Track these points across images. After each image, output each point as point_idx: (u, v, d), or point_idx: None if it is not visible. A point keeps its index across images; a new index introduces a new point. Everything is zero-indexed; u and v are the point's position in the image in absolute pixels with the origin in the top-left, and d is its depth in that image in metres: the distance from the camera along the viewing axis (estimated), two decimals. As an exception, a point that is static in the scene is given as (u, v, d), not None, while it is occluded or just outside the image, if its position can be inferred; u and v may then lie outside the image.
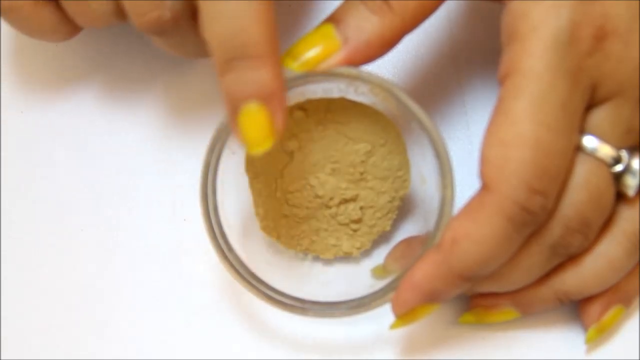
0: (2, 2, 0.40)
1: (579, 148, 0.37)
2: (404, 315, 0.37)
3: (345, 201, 0.41)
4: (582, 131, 0.37)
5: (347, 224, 0.41)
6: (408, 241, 0.42)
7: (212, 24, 0.35)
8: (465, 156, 0.44)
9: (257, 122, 0.35)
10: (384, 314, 0.38)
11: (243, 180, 0.41)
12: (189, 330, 0.42)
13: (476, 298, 0.41)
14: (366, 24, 0.36)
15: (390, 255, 0.42)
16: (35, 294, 0.43)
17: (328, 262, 0.43)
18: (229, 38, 0.35)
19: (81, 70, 0.47)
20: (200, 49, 0.38)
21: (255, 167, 0.41)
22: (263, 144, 0.36)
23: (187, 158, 0.44)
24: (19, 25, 0.42)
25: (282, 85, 0.35)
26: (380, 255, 0.43)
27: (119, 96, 0.46)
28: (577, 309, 0.41)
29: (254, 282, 0.39)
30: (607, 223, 0.39)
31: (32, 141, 0.45)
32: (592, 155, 0.37)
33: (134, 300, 0.43)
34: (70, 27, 0.42)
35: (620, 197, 0.39)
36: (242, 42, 0.34)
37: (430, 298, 0.37)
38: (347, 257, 0.43)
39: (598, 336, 0.41)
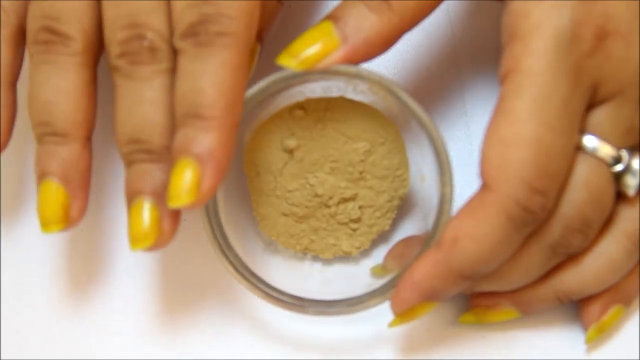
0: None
1: (579, 148, 0.37)
2: (403, 314, 0.37)
3: (345, 200, 0.41)
4: (583, 131, 0.37)
5: (346, 224, 0.41)
6: (407, 240, 0.42)
7: (178, 80, 0.35)
8: (465, 156, 0.44)
9: (184, 177, 0.35)
10: (384, 313, 0.38)
11: (242, 179, 0.41)
12: (189, 330, 0.42)
13: (476, 298, 0.41)
14: (365, 22, 0.36)
15: (389, 254, 0.42)
16: (35, 294, 0.43)
17: (327, 261, 0.43)
18: (188, 96, 0.35)
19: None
20: None
21: (254, 166, 0.41)
22: (183, 200, 0.35)
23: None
24: None
25: (225, 151, 0.35)
26: (379, 255, 0.43)
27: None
28: (577, 308, 0.41)
29: (254, 281, 0.39)
30: (607, 223, 0.39)
31: (32, 141, 0.45)
32: (592, 154, 0.37)
33: (133, 300, 0.43)
34: None
35: (620, 196, 0.39)
36: (198, 102, 0.35)
37: (430, 296, 0.37)
38: (346, 257, 0.43)
39: (598, 336, 0.41)
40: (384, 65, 0.45)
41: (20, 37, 0.40)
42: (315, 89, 0.40)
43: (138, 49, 0.37)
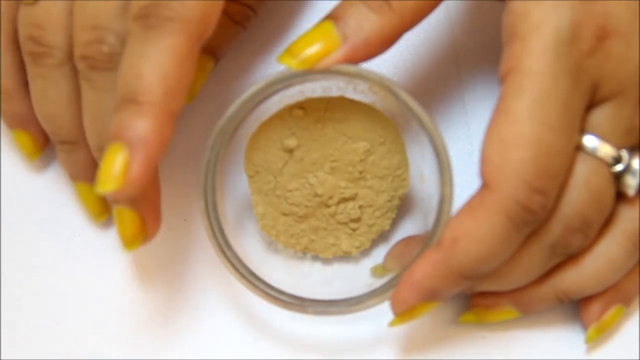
0: None
1: (579, 147, 0.37)
2: (402, 313, 0.37)
3: (345, 200, 0.41)
4: (583, 131, 0.37)
5: (346, 223, 0.41)
6: (407, 240, 0.42)
7: (122, 62, 0.35)
8: (465, 156, 0.44)
9: (113, 162, 0.34)
10: (384, 313, 0.38)
11: (242, 178, 0.41)
12: (189, 330, 0.42)
13: (476, 297, 0.41)
14: (365, 22, 0.36)
15: (389, 254, 0.42)
16: (35, 294, 0.43)
17: (327, 261, 0.43)
18: (129, 80, 0.34)
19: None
20: None
21: (254, 166, 0.41)
22: (108, 186, 0.34)
23: (187, 157, 0.44)
24: None
25: (157, 139, 0.34)
26: (379, 255, 0.43)
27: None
28: (577, 308, 0.41)
29: (253, 280, 0.39)
30: (607, 223, 0.39)
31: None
32: (592, 154, 0.37)
33: (133, 300, 0.43)
34: None
35: (620, 196, 0.39)
36: (136, 87, 0.34)
37: (430, 296, 0.37)
38: (346, 256, 0.43)
39: (598, 336, 0.41)
40: (384, 65, 0.45)
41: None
42: (315, 89, 0.40)
43: (97, 53, 0.37)
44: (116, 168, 0.34)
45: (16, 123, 0.43)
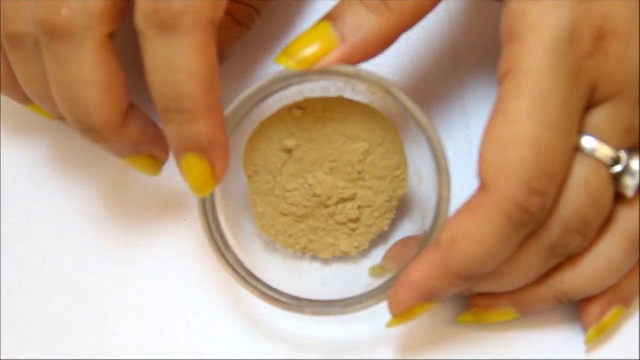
0: None
1: (578, 148, 0.37)
2: (400, 314, 0.37)
3: (344, 200, 0.41)
4: (581, 131, 0.37)
5: (345, 224, 0.41)
6: (406, 241, 0.42)
7: (149, 70, 0.35)
8: (465, 156, 0.44)
9: (197, 171, 0.36)
10: (383, 313, 0.38)
11: (242, 178, 0.41)
12: (189, 330, 0.42)
13: (475, 298, 0.41)
14: (364, 23, 0.36)
15: (387, 254, 0.42)
16: (36, 294, 0.43)
17: (326, 261, 0.43)
18: (166, 90, 0.35)
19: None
20: None
21: (253, 166, 0.41)
22: (205, 190, 0.37)
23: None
24: None
25: (221, 133, 0.36)
26: (378, 255, 0.43)
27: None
28: (577, 309, 0.41)
29: (252, 281, 0.39)
30: (606, 223, 0.39)
31: (32, 140, 0.46)
32: (591, 155, 0.37)
33: (133, 300, 0.43)
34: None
35: (619, 197, 0.39)
36: (176, 96, 0.35)
37: (428, 297, 0.37)
38: (345, 257, 0.43)
39: (598, 337, 0.41)
40: (384, 65, 0.45)
41: None
42: (314, 89, 0.40)
43: (55, 16, 0.36)
44: (204, 177, 0.36)
45: (25, 101, 0.42)
